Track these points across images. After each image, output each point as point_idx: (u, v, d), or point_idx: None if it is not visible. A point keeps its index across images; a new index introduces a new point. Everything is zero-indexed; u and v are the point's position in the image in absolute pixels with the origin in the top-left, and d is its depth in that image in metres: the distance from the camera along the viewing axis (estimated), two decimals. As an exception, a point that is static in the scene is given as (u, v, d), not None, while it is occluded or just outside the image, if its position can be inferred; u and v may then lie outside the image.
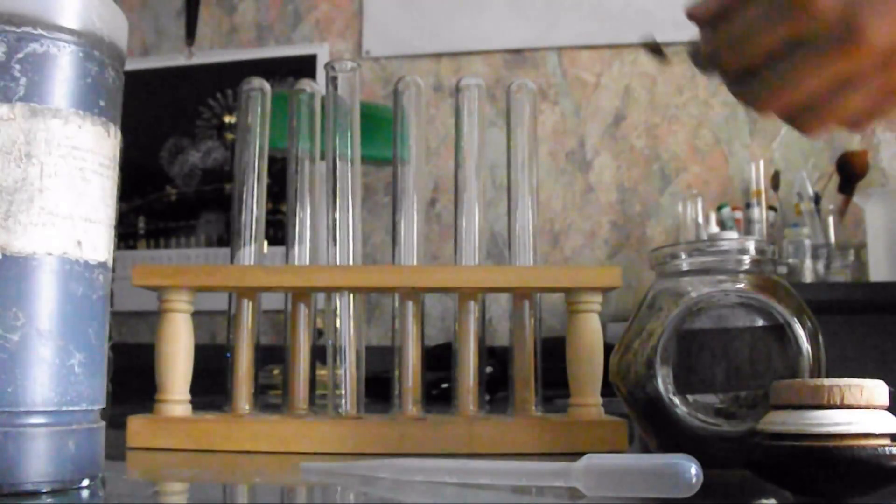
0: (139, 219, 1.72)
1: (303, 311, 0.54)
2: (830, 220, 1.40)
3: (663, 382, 0.39)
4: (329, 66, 0.54)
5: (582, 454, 0.32)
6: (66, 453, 0.31)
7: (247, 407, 0.52)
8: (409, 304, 0.52)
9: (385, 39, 1.69)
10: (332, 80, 0.54)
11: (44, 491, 0.30)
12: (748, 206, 1.46)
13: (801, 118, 0.37)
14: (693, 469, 0.29)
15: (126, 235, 1.71)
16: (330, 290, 0.51)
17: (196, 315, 0.50)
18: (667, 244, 0.45)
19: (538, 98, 1.45)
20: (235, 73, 1.70)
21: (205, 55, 1.73)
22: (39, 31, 0.31)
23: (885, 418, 0.31)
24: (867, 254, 1.33)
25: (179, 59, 1.71)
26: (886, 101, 0.35)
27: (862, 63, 0.33)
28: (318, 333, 0.55)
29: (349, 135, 0.53)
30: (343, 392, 0.50)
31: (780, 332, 0.39)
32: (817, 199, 1.41)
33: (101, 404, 0.33)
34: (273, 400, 0.69)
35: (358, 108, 0.54)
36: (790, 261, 1.36)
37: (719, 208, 1.47)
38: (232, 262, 0.54)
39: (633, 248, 1.57)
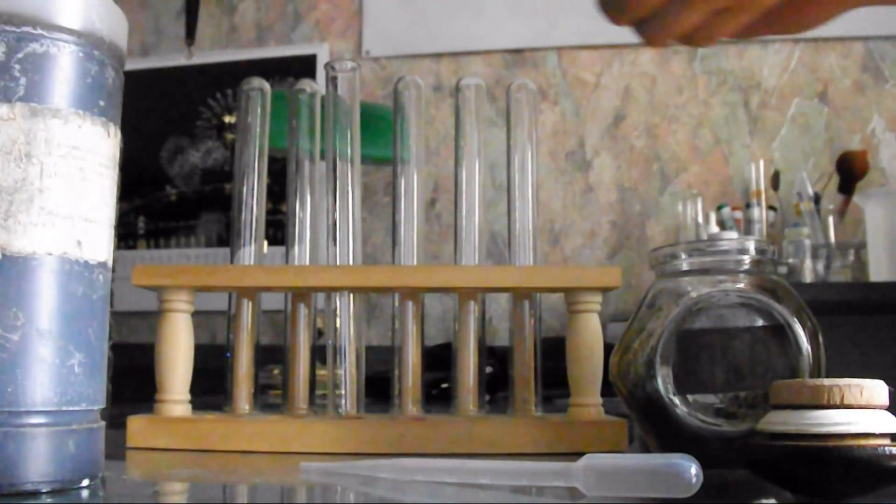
0: (139, 219, 1.72)
1: (303, 311, 0.54)
2: (830, 220, 1.40)
3: (663, 382, 0.39)
4: (329, 66, 0.54)
5: (582, 454, 0.32)
6: (66, 453, 0.31)
7: (247, 407, 0.52)
8: (409, 304, 0.52)
9: (385, 39, 1.69)
10: (332, 80, 0.54)
11: (44, 491, 0.30)
12: (748, 206, 1.46)
13: (646, 29, 0.42)
14: (693, 469, 0.29)
15: (126, 235, 1.71)
16: (330, 290, 0.51)
17: (196, 315, 0.50)
18: (667, 244, 0.45)
19: (538, 98, 1.45)
20: (235, 73, 1.70)
21: (205, 55, 1.73)
22: (39, 31, 0.31)
23: (885, 418, 0.31)
24: (867, 254, 1.34)
25: (179, 59, 1.71)
26: (717, 20, 0.41)
27: None
28: (318, 333, 0.55)
29: (349, 135, 0.53)
30: (343, 392, 0.50)
31: (780, 332, 0.39)
32: (817, 199, 1.41)
33: (101, 404, 0.33)
34: (273, 400, 0.69)
35: (358, 108, 0.54)
36: (790, 261, 1.36)
37: (719, 208, 1.47)
38: (232, 262, 0.54)
39: (633, 248, 1.57)
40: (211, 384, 0.58)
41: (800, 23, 0.44)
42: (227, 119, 1.72)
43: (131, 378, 0.66)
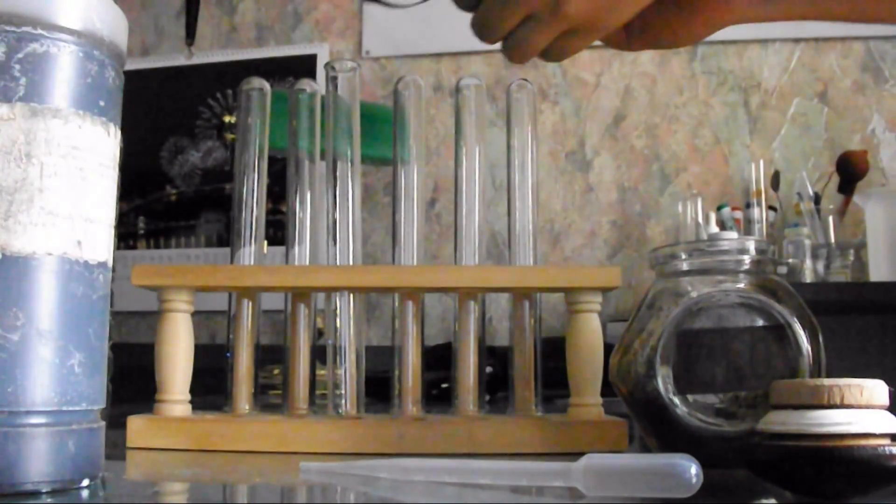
0: (139, 219, 1.72)
1: (303, 311, 0.54)
2: (830, 220, 1.40)
3: (663, 382, 0.39)
4: (329, 66, 0.54)
5: (582, 454, 0.32)
6: (66, 453, 0.31)
7: (247, 407, 0.52)
8: (409, 304, 0.52)
9: (385, 39, 1.69)
10: (332, 80, 0.54)
11: (44, 491, 0.30)
12: (748, 206, 1.46)
13: (506, 48, 0.47)
14: (693, 469, 0.29)
15: (126, 235, 1.71)
16: (330, 290, 0.51)
17: (196, 315, 0.50)
18: (667, 244, 0.45)
19: (538, 98, 1.45)
20: (235, 73, 1.70)
21: (205, 55, 1.73)
22: (39, 31, 0.31)
23: (885, 418, 0.31)
24: (867, 254, 1.33)
25: (179, 59, 1.71)
26: (566, 40, 0.46)
27: (536, 6, 0.44)
28: (318, 333, 0.55)
29: (349, 135, 0.53)
30: (343, 392, 0.50)
31: (780, 332, 0.39)
32: (817, 199, 1.41)
33: (101, 404, 0.33)
34: (273, 400, 0.69)
35: (358, 108, 0.54)
36: (790, 261, 1.36)
37: (719, 208, 1.47)
38: (232, 262, 0.54)
39: (633, 248, 1.56)
40: (211, 384, 0.58)
41: (673, 40, 0.50)
42: (227, 119, 1.72)
43: (131, 378, 0.66)
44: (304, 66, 1.69)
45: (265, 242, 0.56)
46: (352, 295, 0.51)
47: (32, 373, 0.30)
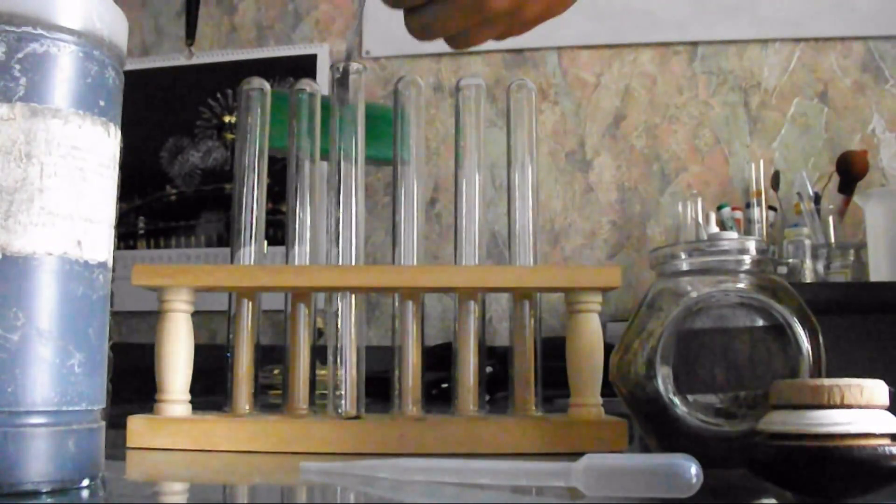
0: (139, 219, 1.72)
1: (303, 311, 0.54)
2: (830, 220, 1.40)
3: (663, 382, 0.39)
4: (335, 67, 0.54)
5: (582, 454, 0.32)
6: (66, 453, 0.31)
7: (247, 407, 0.52)
8: (409, 304, 0.52)
9: (385, 39, 1.69)
10: (338, 82, 0.54)
11: (44, 491, 0.30)
12: (748, 206, 1.46)
13: (454, 43, 0.50)
14: (693, 469, 0.29)
15: (126, 235, 1.71)
16: (330, 290, 0.51)
17: (196, 315, 0.50)
18: (667, 244, 0.45)
19: (538, 98, 1.45)
20: (235, 73, 1.70)
21: (205, 55, 1.72)
22: (39, 31, 0.31)
23: (885, 418, 0.31)
24: (867, 254, 1.33)
25: (179, 59, 1.71)
26: (512, 27, 0.49)
27: (495, 12, 0.46)
28: (318, 333, 0.55)
29: (354, 136, 0.53)
30: (343, 392, 0.50)
31: (780, 332, 0.39)
32: (817, 199, 1.41)
33: (101, 404, 0.33)
34: (273, 400, 0.69)
35: (363, 110, 0.54)
36: (790, 261, 1.36)
37: (719, 208, 1.47)
38: (232, 262, 0.54)
39: (633, 248, 1.56)
40: (211, 384, 0.58)
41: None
42: (227, 119, 1.72)
43: (131, 378, 0.66)
44: (304, 66, 1.69)
45: (265, 242, 0.56)
46: (352, 295, 0.51)
47: (32, 373, 0.30)
